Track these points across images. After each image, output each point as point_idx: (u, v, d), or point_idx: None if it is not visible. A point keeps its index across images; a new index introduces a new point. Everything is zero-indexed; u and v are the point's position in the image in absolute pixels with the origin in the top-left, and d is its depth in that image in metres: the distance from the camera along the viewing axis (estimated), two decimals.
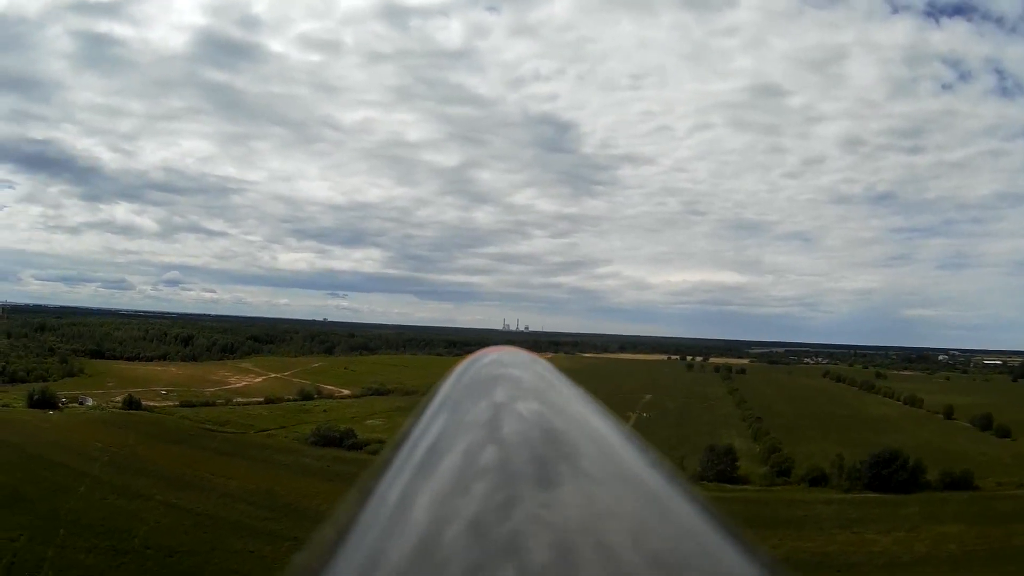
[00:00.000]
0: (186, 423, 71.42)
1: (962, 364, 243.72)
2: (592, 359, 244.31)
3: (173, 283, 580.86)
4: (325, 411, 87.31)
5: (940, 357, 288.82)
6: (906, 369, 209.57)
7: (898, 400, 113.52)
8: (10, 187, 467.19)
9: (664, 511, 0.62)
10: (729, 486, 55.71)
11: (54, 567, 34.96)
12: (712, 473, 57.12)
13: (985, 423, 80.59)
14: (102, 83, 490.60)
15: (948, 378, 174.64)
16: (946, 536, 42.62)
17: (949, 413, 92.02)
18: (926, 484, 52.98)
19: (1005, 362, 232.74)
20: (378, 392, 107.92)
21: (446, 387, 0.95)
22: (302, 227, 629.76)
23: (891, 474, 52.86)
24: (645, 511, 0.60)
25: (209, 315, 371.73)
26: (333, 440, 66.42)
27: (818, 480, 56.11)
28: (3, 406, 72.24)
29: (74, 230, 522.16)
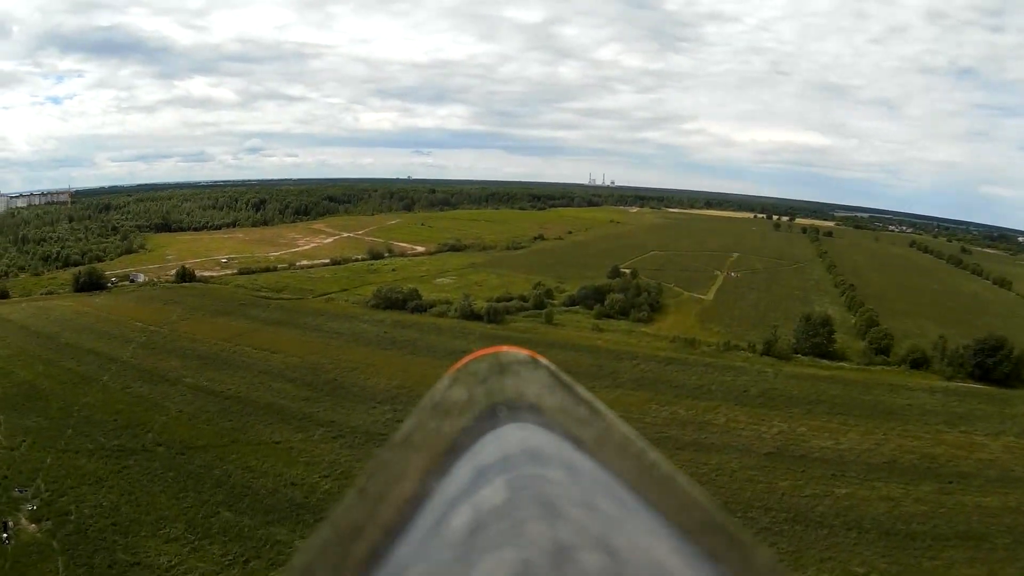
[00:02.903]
0: (240, 292, 65.85)
1: None
2: (678, 214, 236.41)
3: (254, 151, 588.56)
4: (394, 270, 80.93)
5: (1020, 239, 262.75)
6: (988, 247, 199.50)
7: (987, 279, 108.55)
8: (79, 76, 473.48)
9: None
10: (825, 362, 51.12)
11: (48, 477, 29.14)
12: (807, 346, 52.75)
13: None
14: None
15: None
16: None
17: None
18: None
19: None
20: (453, 248, 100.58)
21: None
22: (384, 87, 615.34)
23: (996, 364, 46.84)
24: None
25: (290, 179, 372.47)
26: (396, 303, 59.51)
27: (918, 363, 50.42)
28: (46, 293, 68.12)
29: (149, 108, 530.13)
